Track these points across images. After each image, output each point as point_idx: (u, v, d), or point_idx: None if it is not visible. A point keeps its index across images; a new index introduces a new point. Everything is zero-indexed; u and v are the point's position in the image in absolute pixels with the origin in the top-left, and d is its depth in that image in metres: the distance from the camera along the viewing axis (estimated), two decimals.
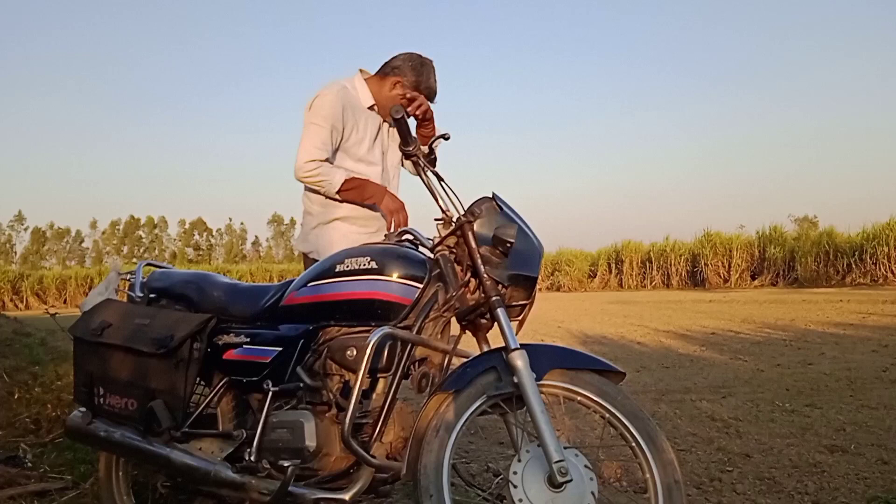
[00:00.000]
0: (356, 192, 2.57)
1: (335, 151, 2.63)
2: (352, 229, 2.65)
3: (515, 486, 1.60)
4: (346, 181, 2.56)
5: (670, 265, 22.98)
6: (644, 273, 23.69)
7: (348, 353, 1.79)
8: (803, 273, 19.91)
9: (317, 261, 2.59)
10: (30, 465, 2.92)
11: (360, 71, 2.74)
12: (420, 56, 2.68)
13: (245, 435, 1.92)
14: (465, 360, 1.79)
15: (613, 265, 24.61)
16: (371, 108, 2.70)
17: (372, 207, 2.62)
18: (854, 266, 19.19)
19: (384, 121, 2.74)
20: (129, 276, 2.33)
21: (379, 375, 1.78)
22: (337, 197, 2.60)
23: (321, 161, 2.55)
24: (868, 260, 18.89)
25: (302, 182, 2.63)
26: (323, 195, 2.64)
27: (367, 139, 2.68)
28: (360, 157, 2.67)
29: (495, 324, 1.76)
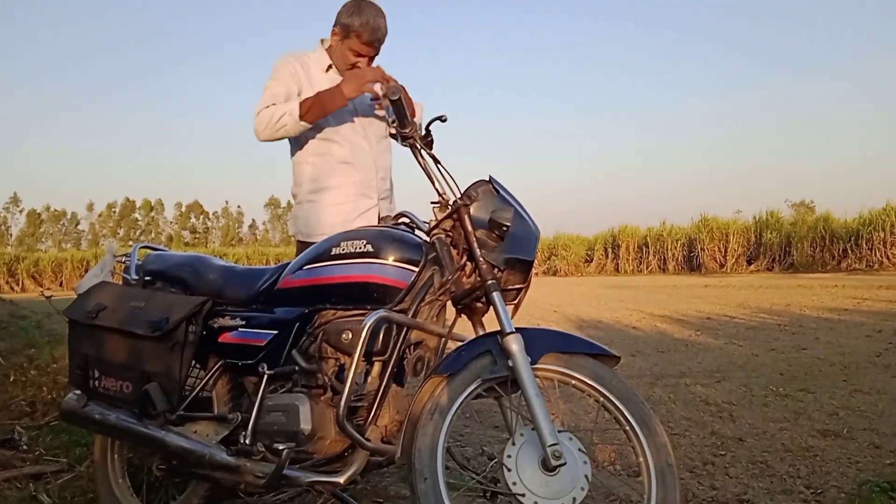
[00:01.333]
0: (317, 107, 2.39)
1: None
2: (329, 202, 2.58)
3: (510, 470, 1.60)
4: (301, 104, 2.40)
5: (667, 250, 23.01)
6: (640, 258, 23.73)
7: (343, 336, 1.79)
8: (799, 258, 19.96)
9: (302, 242, 2.59)
10: (25, 447, 2.93)
11: (322, 41, 2.63)
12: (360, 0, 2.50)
13: (240, 418, 1.92)
14: (460, 343, 1.79)
15: (610, 250, 24.64)
16: (329, 69, 2.58)
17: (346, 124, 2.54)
18: (850, 251, 19.25)
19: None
20: (124, 259, 2.32)
21: (374, 359, 1.78)
22: (309, 134, 2.51)
23: (269, 106, 2.45)
24: (864, 245, 18.94)
25: (265, 138, 2.47)
26: (307, 160, 2.60)
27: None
28: (335, 127, 2.57)
29: (491, 308, 1.75)
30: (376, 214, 2.59)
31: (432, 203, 1.90)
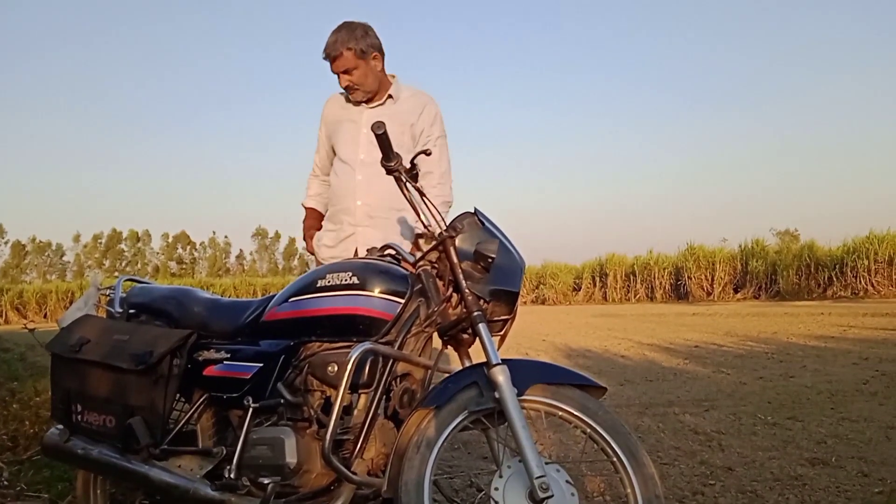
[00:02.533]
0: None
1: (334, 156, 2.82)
2: (326, 229, 2.83)
3: (497, 502, 1.59)
4: (307, 209, 2.96)
5: (654, 278, 23.08)
6: (628, 286, 23.77)
7: (329, 368, 1.79)
8: (785, 286, 20.08)
9: None
10: (6, 482, 2.88)
11: None
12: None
13: (225, 452, 1.90)
14: (446, 375, 1.79)
15: (598, 278, 24.67)
16: (347, 99, 2.78)
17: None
18: (835, 279, 19.39)
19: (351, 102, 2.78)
20: (108, 292, 2.31)
21: (360, 391, 1.78)
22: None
23: (312, 174, 2.96)
24: (849, 273, 19.09)
25: None
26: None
27: (346, 131, 2.75)
28: (339, 156, 2.77)
29: (477, 339, 1.76)
30: (354, 242, 2.65)
31: (418, 235, 1.91)
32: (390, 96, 2.71)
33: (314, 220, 2.90)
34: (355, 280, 1.84)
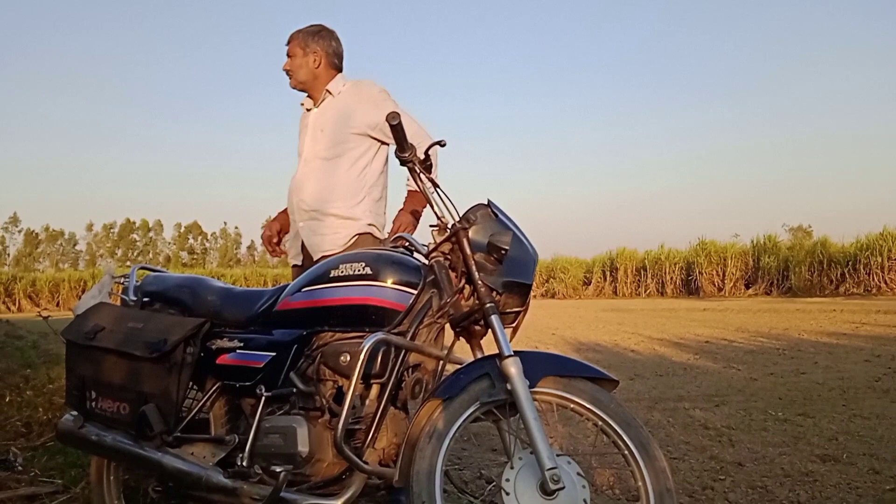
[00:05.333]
0: None
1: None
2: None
3: (508, 493, 1.60)
4: None
5: (665, 273, 22.99)
6: (638, 281, 23.69)
7: (342, 358, 1.79)
8: (797, 282, 19.95)
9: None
10: (20, 468, 2.91)
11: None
12: None
13: (237, 440, 1.92)
14: (458, 366, 1.79)
15: (608, 273, 24.60)
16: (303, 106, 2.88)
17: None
18: (847, 276, 19.24)
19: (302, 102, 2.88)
20: (122, 280, 2.32)
21: (372, 381, 1.78)
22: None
23: None
24: (861, 270, 18.94)
25: None
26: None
27: (301, 135, 2.86)
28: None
29: (489, 331, 1.75)
30: (299, 238, 2.75)
31: (431, 226, 1.90)
32: (329, 92, 2.76)
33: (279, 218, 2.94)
34: (368, 270, 1.84)
